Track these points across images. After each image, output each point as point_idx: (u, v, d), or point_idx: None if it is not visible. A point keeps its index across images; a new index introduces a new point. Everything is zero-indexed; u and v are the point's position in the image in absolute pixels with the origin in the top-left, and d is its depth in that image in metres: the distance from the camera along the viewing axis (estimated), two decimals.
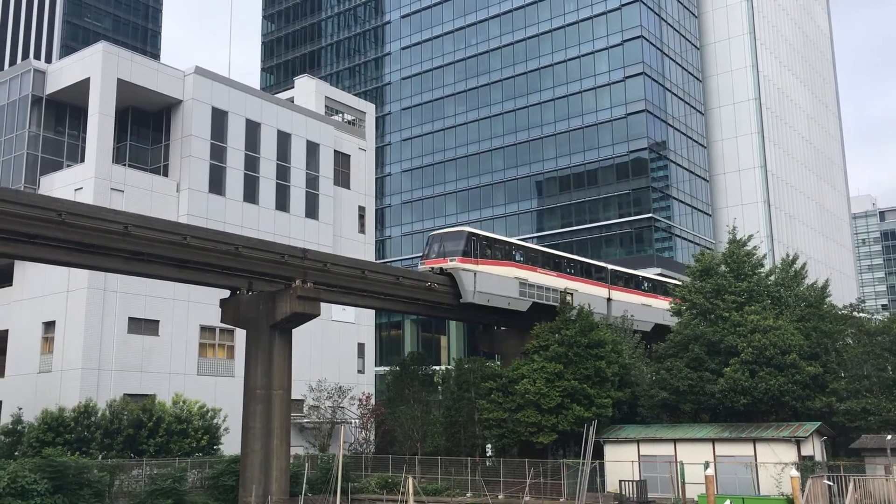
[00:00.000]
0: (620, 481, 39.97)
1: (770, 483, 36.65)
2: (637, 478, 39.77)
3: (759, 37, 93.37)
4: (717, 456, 38.69)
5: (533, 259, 50.56)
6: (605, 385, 44.07)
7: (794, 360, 40.60)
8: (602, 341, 45.00)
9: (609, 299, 56.30)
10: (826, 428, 40.38)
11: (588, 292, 53.45)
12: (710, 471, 35.81)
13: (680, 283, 53.62)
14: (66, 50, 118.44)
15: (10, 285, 52.37)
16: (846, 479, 35.26)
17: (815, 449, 38.89)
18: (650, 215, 79.70)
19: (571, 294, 51.35)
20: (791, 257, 50.06)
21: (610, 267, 58.92)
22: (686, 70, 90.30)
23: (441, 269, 45.66)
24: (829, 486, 35.46)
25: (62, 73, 52.09)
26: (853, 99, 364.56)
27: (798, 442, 37.40)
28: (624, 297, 57.82)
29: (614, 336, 47.62)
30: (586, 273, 55.61)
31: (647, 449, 41.06)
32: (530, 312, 49.13)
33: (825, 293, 48.02)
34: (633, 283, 60.46)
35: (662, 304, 58.41)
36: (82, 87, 50.35)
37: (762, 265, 47.15)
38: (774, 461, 36.96)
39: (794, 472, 33.90)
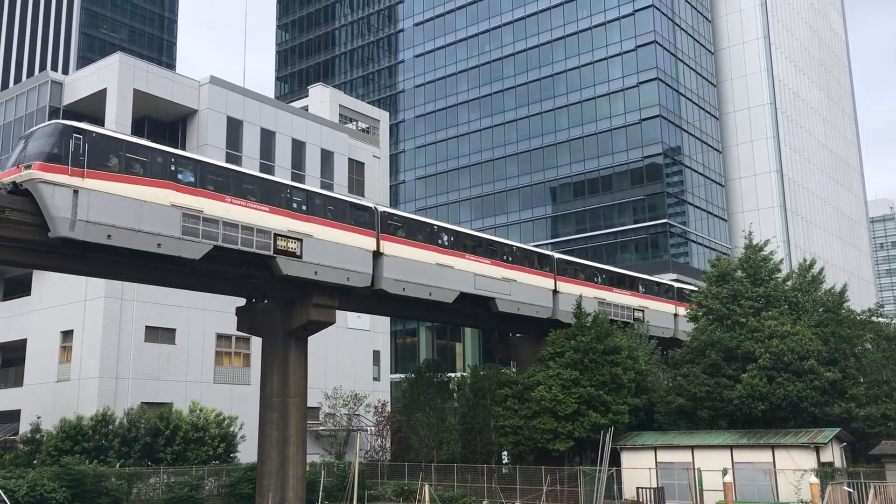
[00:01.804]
0: (638, 488, 39.75)
1: (789, 490, 36.33)
2: (655, 485, 39.53)
3: (774, 40, 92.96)
4: (736, 463, 38.39)
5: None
6: (622, 391, 43.87)
7: (812, 366, 40.27)
8: (618, 347, 44.83)
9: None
10: (845, 434, 40.00)
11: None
12: (729, 478, 35.56)
13: (604, 266, 55.39)
14: (83, 61, 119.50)
15: (29, 295, 52.84)
16: (866, 485, 34.91)
17: (834, 455, 38.53)
18: (665, 221, 79.41)
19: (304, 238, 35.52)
20: (808, 262, 49.71)
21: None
22: (700, 75, 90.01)
23: (14, 182, 28.02)
24: (849, 492, 35.11)
25: (79, 84, 52.58)
26: (869, 102, 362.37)
27: (817, 448, 37.06)
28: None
29: (630, 342, 47.43)
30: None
31: (664, 456, 40.80)
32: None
33: (843, 298, 47.62)
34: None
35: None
36: (99, 97, 50.80)
37: (779, 270, 46.83)
38: (793, 468, 36.64)
39: (814, 479, 33.61)
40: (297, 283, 36.00)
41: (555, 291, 48.65)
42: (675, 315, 58.01)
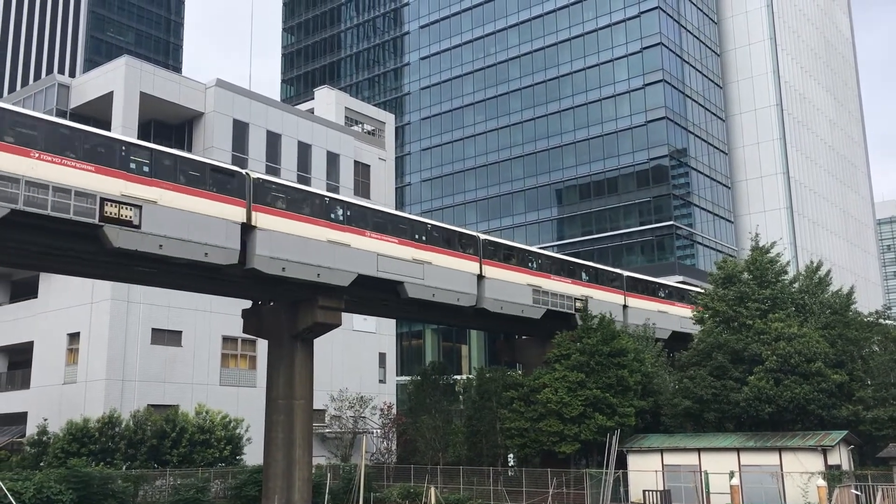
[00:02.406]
0: (644, 491, 39.64)
1: (796, 493, 36.19)
2: (661, 488, 39.43)
3: (780, 42, 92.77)
4: (743, 465, 38.26)
5: None
6: (628, 394, 43.78)
7: (819, 369, 40.12)
8: (624, 350, 44.74)
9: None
10: (853, 437, 39.84)
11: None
12: (736, 480, 35.46)
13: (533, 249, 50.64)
14: (90, 64, 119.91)
15: (35, 297, 52.98)
16: (874, 488, 34.76)
17: (841, 458, 38.37)
18: (671, 223, 79.26)
19: None
20: (815, 264, 49.55)
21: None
22: (706, 77, 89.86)
23: None
24: (857, 495, 34.97)
25: (86, 87, 52.74)
26: (876, 103, 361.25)
27: (824, 451, 36.91)
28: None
29: (636, 345, 47.33)
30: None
31: (670, 458, 40.69)
32: None
33: (850, 300, 47.46)
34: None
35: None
36: (106, 100, 50.95)
37: (786, 272, 46.70)
38: (801, 470, 36.50)
39: (821, 482, 33.48)
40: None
41: (480, 276, 43.39)
42: (624, 307, 52.86)
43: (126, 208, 29.07)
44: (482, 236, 45.21)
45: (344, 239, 36.35)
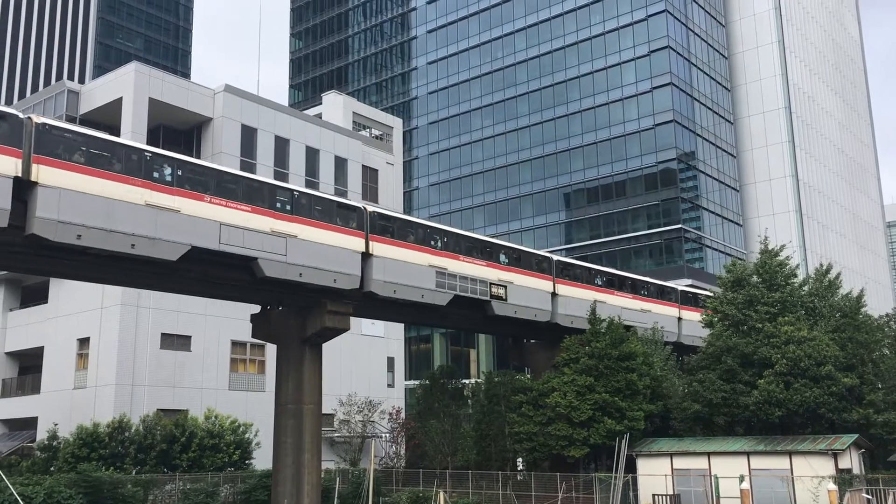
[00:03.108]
0: (654, 495, 39.54)
1: (807, 497, 36.02)
2: (671, 492, 39.32)
3: (788, 45, 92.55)
4: (753, 469, 38.11)
5: None
6: (637, 398, 43.68)
7: (829, 372, 39.96)
8: (633, 353, 44.65)
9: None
10: (863, 440, 39.64)
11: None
12: (746, 484, 35.34)
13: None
14: (99, 70, 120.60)
15: (46, 303, 53.22)
16: (885, 492, 34.58)
17: (852, 462, 38.19)
18: (680, 226, 79.10)
19: None
20: (825, 267, 49.37)
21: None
22: (714, 79, 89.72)
23: None
24: (868, 499, 34.79)
25: (95, 93, 53.01)
26: (885, 105, 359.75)
27: (835, 455, 36.74)
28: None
29: (645, 348, 47.23)
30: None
31: (680, 462, 40.56)
32: None
33: (860, 303, 47.24)
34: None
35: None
36: (115, 106, 51.18)
37: (795, 275, 46.53)
38: (811, 474, 36.34)
39: (832, 486, 33.34)
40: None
41: (367, 254, 37.14)
42: (554, 294, 47.73)
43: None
44: (370, 208, 38.34)
45: (171, 203, 30.68)
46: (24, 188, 26.91)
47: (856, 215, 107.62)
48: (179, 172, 31.27)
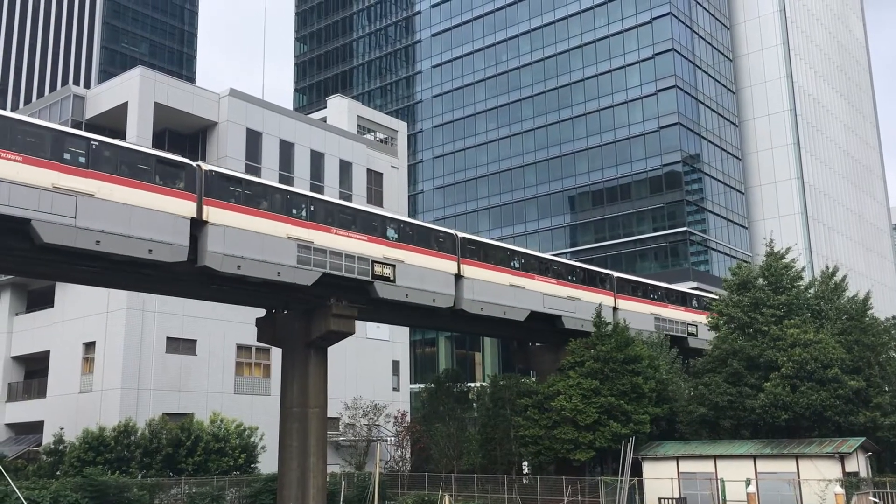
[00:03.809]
0: (660, 499, 39.45)
1: (814, 500, 35.91)
2: (677, 495, 39.22)
3: (793, 47, 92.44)
4: (759, 473, 38.00)
5: None
6: (643, 401, 43.60)
7: (836, 375, 39.83)
8: (638, 356, 44.59)
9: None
10: (870, 443, 39.51)
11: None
12: (752, 488, 35.23)
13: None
14: (105, 75, 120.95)
15: (52, 307, 53.36)
16: (892, 495, 34.44)
17: (859, 465, 38.06)
18: (685, 229, 78.99)
19: None
20: (831, 269, 49.25)
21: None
22: (719, 82, 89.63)
23: None
24: (875, 502, 34.65)
25: (101, 98, 53.16)
26: (890, 107, 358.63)
27: (842, 458, 36.62)
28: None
29: (651, 351, 47.15)
30: None
31: (686, 466, 40.48)
32: None
33: (867, 305, 47.09)
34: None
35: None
36: (120, 111, 51.32)
37: (801, 278, 46.42)
38: (818, 478, 36.22)
39: (839, 489, 33.22)
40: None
41: (200, 221, 31.41)
42: (459, 277, 41.57)
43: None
44: (206, 166, 32.49)
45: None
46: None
47: (861, 217, 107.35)
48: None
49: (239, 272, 32.17)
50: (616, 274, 53.54)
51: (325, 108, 70.45)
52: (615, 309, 50.71)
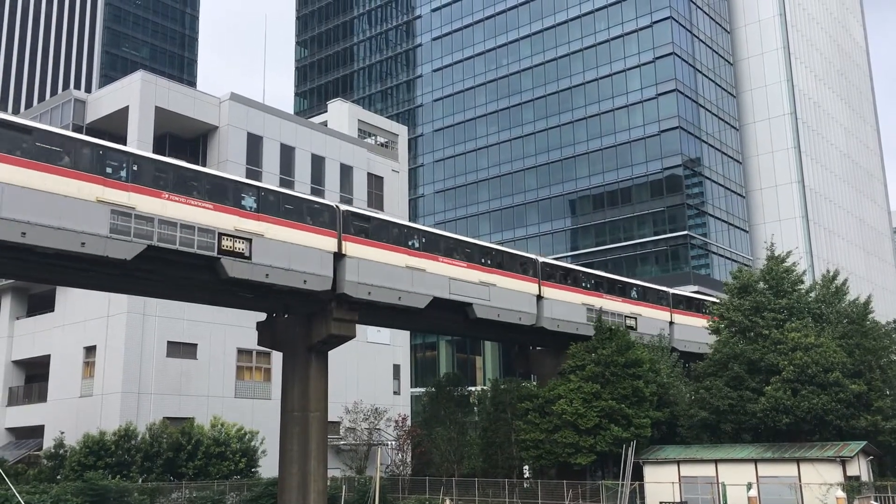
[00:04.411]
0: (661, 503, 39.39)
1: None
2: (678, 499, 39.16)
3: (794, 51, 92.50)
4: (760, 477, 37.96)
5: None
6: (644, 405, 43.57)
7: (837, 379, 39.80)
8: (639, 360, 44.56)
9: None
10: (872, 447, 39.46)
11: None
12: (753, 492, 35.19)
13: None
14: (106, 79, 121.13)
15: (53, 311, 53.35)
16: (893, 499, 34.39)
17: (861, 469, 38.01)
18: (686, 232, 78.98)
19: None
20: (831, 273, 49.23)
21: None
22: (719, 86, 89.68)
23: None
24: None
25: (102, 102, 53.22)
26: (891, 110, 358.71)
27: (843, 462, 36.58)
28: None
29: (651, 355, 47.12)
30: None
31: (687, 470, 40.43)
32: None
33: (868, 309, 47.08)
34: None
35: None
36: (121, 115, 51.37)
37: (802, 281, 46.41)
38: (819, 482, 36.17)
39: (840, 493, 33.18)
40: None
41: None
42: (340, 255, 36.06)
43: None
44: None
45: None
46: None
47: (862, 221, 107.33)
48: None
49: (24, 241, 26.69)
50: (542, 258, 48.00)
51: (326, 112, 70.52)
52: (540, 297, 45.90)
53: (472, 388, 64.30)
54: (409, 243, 39.08)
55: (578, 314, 48.07)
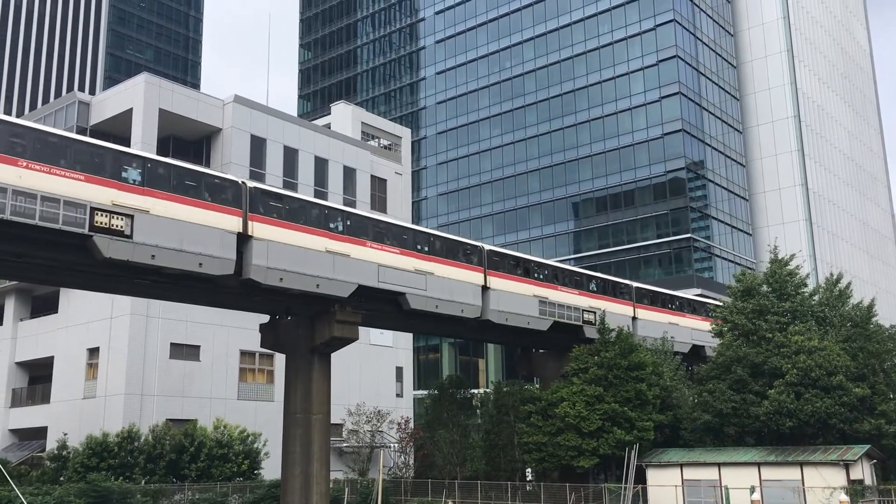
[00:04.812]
0: None
1: None
2: (681, 502, 39.09)
3: (797, 53, 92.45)
4: (763, 480, 37.89)
5: None
6: (647, 408, 43.52)
7: (840, 382, 39.73)
8: (642, 363, 44.51)
9: None
10: (875, 451, 39.37)
11: None
12: (757, 495, 35.13)
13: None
14: (110, 81, 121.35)
15: (56, 313, 53.41)
16: None
17: (864, 473, 37.92)
18: (689, 235, 78.90)
19: None
20: (835, 276, 49.16)
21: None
22: (723, 89, 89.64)
23: None
24: None
25: (106, 104, 53.30)
26: (895, 114, 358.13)
27: (847, 466, 36.50)
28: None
29: (654, 358, 47.06)
30: None
31: (690, 473, 40.36)
32: None
33: (871, 313, 47.02)
34: None
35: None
36: (125, 117, 51.44)
37: (805, 285, 46.35)
38: (822, 485, 36.09)
39: (844, 497, 33.11)
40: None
41: None
42: (246, 237, 32.62)
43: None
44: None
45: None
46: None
47: (866, 224, 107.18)
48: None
49: None
50: (488, 247, 44.13)
51: (329, 114, 70.56)
52: (486, 288, 42.28)
53: (475, 391, 64.23)
54: (332, 226, 35.23)
55: (530, 307, 44.47)
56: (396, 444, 56.01)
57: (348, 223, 35.77)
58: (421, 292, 38.46)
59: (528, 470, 47.73)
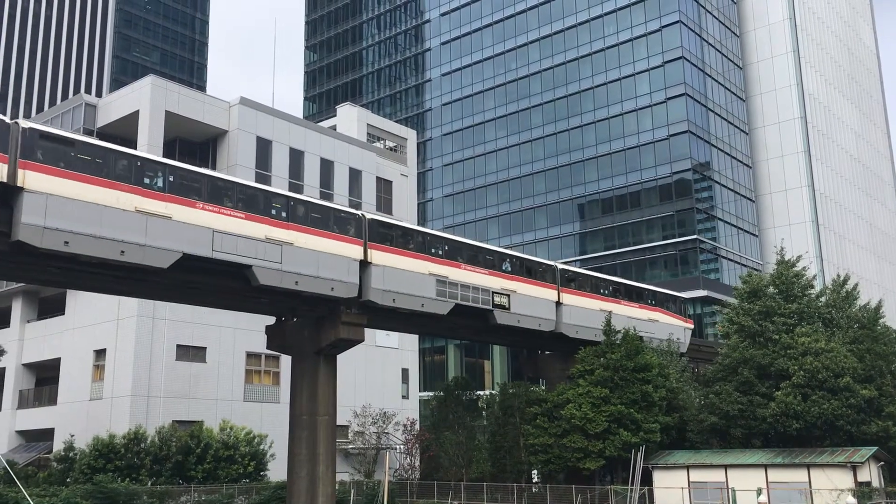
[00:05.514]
0: None
1: None
2: None
3: (803, 54, 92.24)
4: (770, 482, 37.77)
5: None
6: (653, 409, 43.45)
7: (847, 384, 39.60)
8: (648, 365, 44.44)
9: None
10: (883, 453, 39.23)
11: None
12: (764, 497, 35.02)
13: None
14: (116, 84, 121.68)
15: (63, 314, 53.57)
16: None
17: (871, 475, 37.79)
18: (695, 237, 78.76)
19: None
20: (842, 278, 49.02)
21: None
22: (729, 90, 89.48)
23: None
24: None
25: (112, 106, 53.45)
26: None
27: (854, 468, 36.38)
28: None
29: (660, 360, 46.97)
30: None
31: (697, 475, 40.27)
32: None
33: (878, 314, 46.87)
34: None
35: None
36: (131, 119, 51.58)
37: (812, 286, 46.23)
38: (830, 488, 35.98)
39: (851, 499, 32.98)
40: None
41: None
42: (366, 263, 36.00)
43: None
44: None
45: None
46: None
47: (873, 225, 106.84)
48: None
49: None
50: (370, 215, 37.98)
51: (335, 116, 70.65)
52: (367, 263, 36.46)
53: (481, 393, 64.22)
54: (149, 182, 30.07)
55: (425, 287, 39.01)
56: (402, 446, 56.02)
57: (172, 179, 30.71)
58: (274, 265, 33.13)
59: (534, 472, 47.69)
